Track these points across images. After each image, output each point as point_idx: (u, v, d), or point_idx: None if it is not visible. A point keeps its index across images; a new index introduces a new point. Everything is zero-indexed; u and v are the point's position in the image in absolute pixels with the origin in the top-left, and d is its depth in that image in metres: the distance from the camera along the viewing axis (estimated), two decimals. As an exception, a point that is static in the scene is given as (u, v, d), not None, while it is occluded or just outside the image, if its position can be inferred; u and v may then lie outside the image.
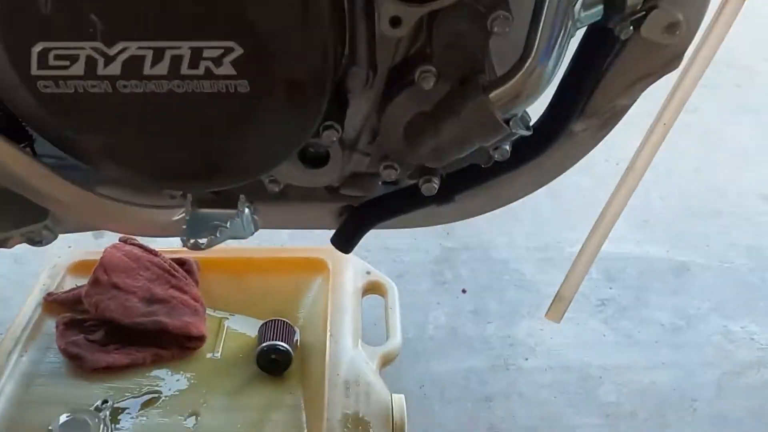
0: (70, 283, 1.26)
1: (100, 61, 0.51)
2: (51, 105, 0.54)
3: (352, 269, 1.30)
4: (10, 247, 0.72)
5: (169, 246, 1.27)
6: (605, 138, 0.69)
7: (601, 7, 0.53)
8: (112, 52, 0.51)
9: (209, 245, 0.62)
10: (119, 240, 1.27)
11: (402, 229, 0.88)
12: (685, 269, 1.64)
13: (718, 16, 0.60)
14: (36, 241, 0.69)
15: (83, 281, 1.22)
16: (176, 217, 0.64)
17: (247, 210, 0.65)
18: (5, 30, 0.50)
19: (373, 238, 1.24)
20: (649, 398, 1.28)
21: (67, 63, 0.51)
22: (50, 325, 1.14)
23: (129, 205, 0.63)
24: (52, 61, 0.51)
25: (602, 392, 1.29)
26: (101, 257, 1.21)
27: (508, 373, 1.32)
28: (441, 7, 0.53)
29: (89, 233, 1.31)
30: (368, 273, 1.32)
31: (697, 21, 0.60)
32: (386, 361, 1.13)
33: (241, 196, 0.65)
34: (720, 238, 1.73)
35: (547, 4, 0.51)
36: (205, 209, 0.64)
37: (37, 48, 0.50)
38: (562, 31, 0.51)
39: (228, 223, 0.63)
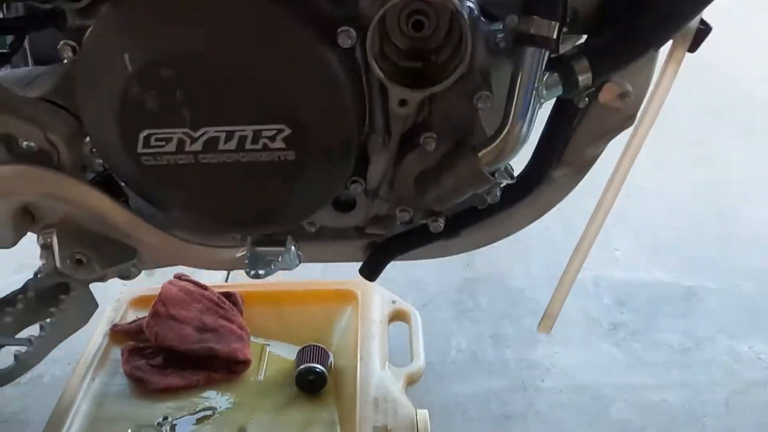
0: (132, 316, 1.39)
1: (188, 141, 0.69)
2: (149, 173, 0.72)
3: (379, 299, 1.39)
4: (106, 281, 0.89)
5: (216, 281, 1.43)
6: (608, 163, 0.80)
7: (560, 86, 0.68)
8: (196, 135, 0.68)
9: (266, 275, 0.78)
10: (174, 276, 1.41)
11: (425, 261, 0.96)
12: (693, 293, 1.68)
13: (660, 80, 0.74)
14: (125, 276, 0.86)
15: (143, 314, 1.35)
16: (239, 255, 0.81)
17: (293, 248, 0.81)
18: (122, 123, 0.68)
19: (400, 270, 1.32)
20: (659, 416, 1.33)
21: (164, 143, 0.69)
22: (116, 352, 1.28)
23: (202, 246, 0.80)
24: (153, 143, 0.69)
25: (614, 410, 1.35)
26: (160, 292, 1.34)
27: (525, 394, 1.40)
28: (437, 90, 0.69)
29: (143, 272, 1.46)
30: (394, 302, 1.41)
31: (644, 88, 0.75)
32: (411, 381, 1.21)
33: (289, 237, 0.81)
34: (727, 262, 1.77)
35: (518, 87, 0.66)
36: (261, 248, 0.81)
37: (144, 134, 0.69)
38: (531, 105, 0.67)
39: (279, 258, 0.79)
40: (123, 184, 0.79)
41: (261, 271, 0.78)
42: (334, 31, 0.65)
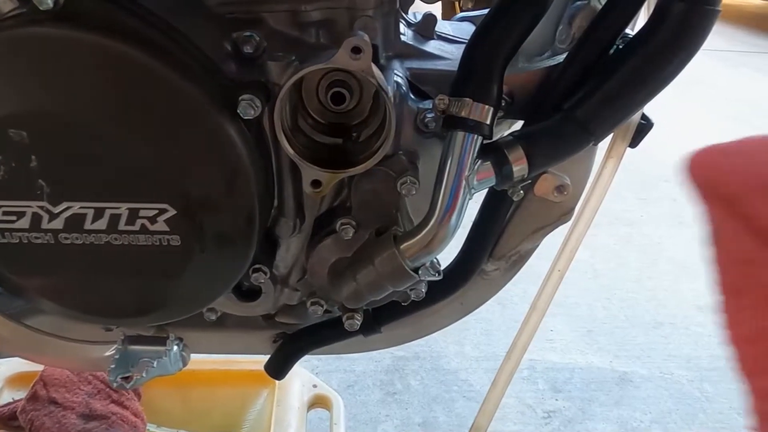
0: (7, 397, 1.23)
1: (45, 217, 0.57)
2: (-4, 252, 0.59)
3: (298, 382, 1.30)
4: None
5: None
6: (551, 247, 0.74)
7: (493, 176, 0.61)
8: (56, 210, 0.56)
9: (134, 385, 0.65)
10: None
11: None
12: (627, 380, 1.68)
13: (599, 175, 0.69)
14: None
15: (22, 394, 1.19)
16: (107, 353, 0.67)
17: (175, 348, 0.68)
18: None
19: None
20: None
21: (14, 218, 0.56)
22: (-20, 442, 1.12)
23: (64, 340, 0.66)
24: (0, 217, 0.56)
25: None
26: (42, 370, 1.19)
27: (455, 492, 1.33)
28: (357, 172, 0.60)
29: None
30: (315, 386, 1.31)
31: (582, 181, 0.69)
32: (330, 479, 1.12)
33: (171, 335, 0.68)
34: (660, 348, 1.80)
35: (446, 175, 0.59)
36: (135, 346, 0.67)
37: (-14, 205, 0.56)
38: (461, 195, 0.59)
39: (155, 362, 0.66)
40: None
41: (127, 382, 0.64)
42: (237, 97, 0.55)
